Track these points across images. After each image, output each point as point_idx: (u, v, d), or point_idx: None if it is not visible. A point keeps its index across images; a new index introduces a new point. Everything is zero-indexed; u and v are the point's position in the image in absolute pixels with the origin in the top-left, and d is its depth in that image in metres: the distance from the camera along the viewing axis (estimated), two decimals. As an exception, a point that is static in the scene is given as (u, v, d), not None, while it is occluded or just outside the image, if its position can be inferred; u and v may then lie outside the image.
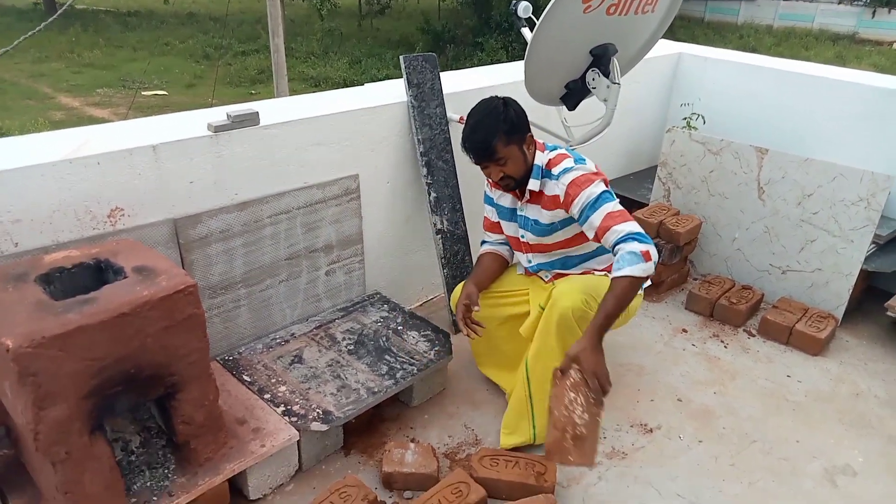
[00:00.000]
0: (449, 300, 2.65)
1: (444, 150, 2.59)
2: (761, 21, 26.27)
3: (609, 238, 1.88)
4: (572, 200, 1.95)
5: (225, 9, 15.50)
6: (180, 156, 1.92)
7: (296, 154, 2.20)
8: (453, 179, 2.62)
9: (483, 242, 2.34)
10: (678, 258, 3.01)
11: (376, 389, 2.05)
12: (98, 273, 1.61)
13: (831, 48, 23.24)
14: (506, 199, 2.17)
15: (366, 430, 2.14)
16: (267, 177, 2.14)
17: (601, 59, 2.46)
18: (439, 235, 2.60)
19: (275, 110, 2.22)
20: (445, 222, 2.62)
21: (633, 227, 1.86)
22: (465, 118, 2.57)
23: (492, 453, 2.00)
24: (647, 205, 3.20)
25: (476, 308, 2.10)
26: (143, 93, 14.94)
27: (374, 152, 2.44)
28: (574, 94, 2.59)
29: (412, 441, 2.12)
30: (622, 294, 1.79)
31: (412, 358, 2.19)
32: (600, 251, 2.13)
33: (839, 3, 26.29)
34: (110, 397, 1.47)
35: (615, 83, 2.46)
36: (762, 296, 2.95)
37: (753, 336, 2.78)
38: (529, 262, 2.21)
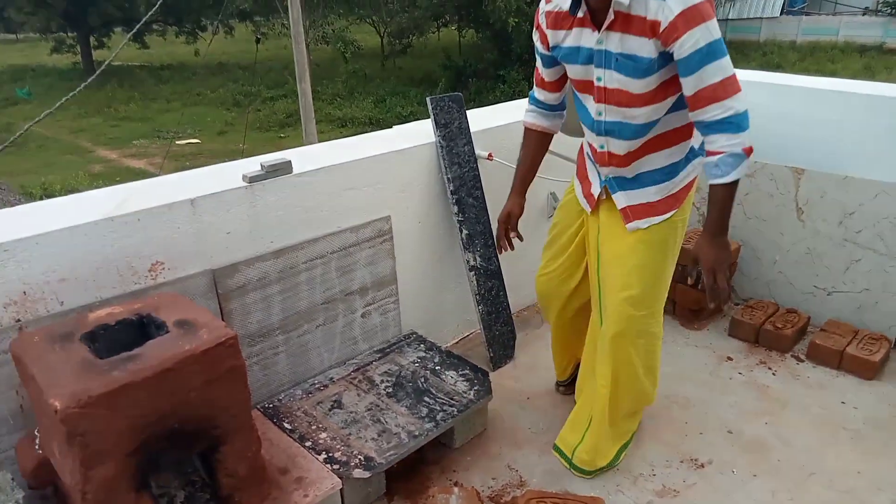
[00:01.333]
0: (485, 334, 2.63)
1: (474, 188, 2.59)
2: (784, 37, 26.08)
3: (710, 112, 1.60)
4: (679, 37, 1.55)
5: (253, 57, 16.02)
6: (217, 208, 1.96)
7: (328, 200, 2.22)
8: (484, 216, 2.62)
9: (530, 101, 2.09)
10: (718, 284, 2.94)
11: (417, 433, 2.02)
12: (141, 328, 1.63)
13: (859, 60, 22.91)
14: (572, 37, 1.76)
15: (408, 474, 2.11)
16: (301, 223, 2.17)
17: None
18: (473, 272, 2.59)
19: (306, 158, 2.26)
20: (478, 258, 2.61)
21: (740, 103, 1.59)
22: (493, 155, 2.59)
23: (538, 495, 1.94)
24: (682, 231, 3.14)
25: (515, 234, 2.15)
26: (177, 142, 15.44)
27: (405, 193, 2.46)
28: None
29: (455, 485, 2.08)
30: (729, 200, 1.70)
31: (452, 399, 2.17)
32: (688, 159, 1.85)
33: (863, 14, 26.00)
34: (155, 453, 1.48)
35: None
36: (808, 319, 2.86)
37: (802, 361, 2.69)
38: (600, 116, 1.79)
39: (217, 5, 21.42)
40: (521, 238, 2.17)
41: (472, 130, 2.59)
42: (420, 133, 2.58)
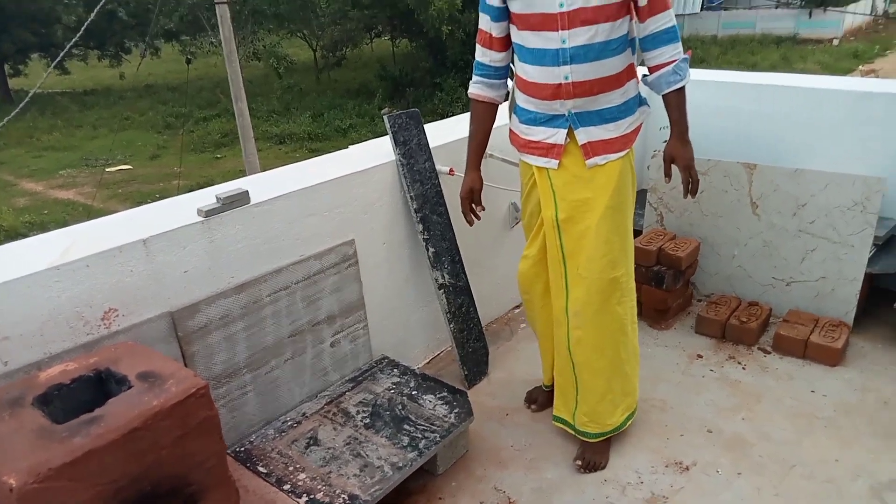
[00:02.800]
0: (458, 352, 2.57)
1: (438, 204, 2.54)
2: (706, 32, 27.19)
3: (661, 20, 1.88)
4: None
5: (182, 77, 15.55)
6: (172, 246, 1.83)
7: (289, 228, 2.12)
8: (450, 232, 2.57)
9: (476, 71, 2.12)
10: (681, 282, 2.98)
11: (401, 464, 1.94)
12: (100, 385, 1.50)
13: (776, 51, 24.10)
14: None
15: (394, 508, 2.02)
16: (262, 255, 2.06)
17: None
18: (442, 290, 2.53)
19: (263, 186, 2.15)
20: (447, 276, 2.55)
21: (673, 17, 1.90)
22: (454, 170, 2.54)
23: (531, 517, 1.90)
24: (643, 231, 3.18)
25: (480, 208, 2.24)
26: (107, 169, 14.80)
27: (368, 215, 2.38)
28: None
29: (445, 514, 2.01)
30: (685, 102, 1.98)
31: (432, 424, 2.10)
32: (638, 101, 2.04)
33: (777, 7, 27.37)
34: (127, 521, 1.36)
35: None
36: (770, 310, 2.92)
37: (769, 353, 2.74)
38: (563, 44, 1.87)
39: (141, 27, 20.74)
40: (483, 208, 2.27)
41: (431, 146, 2.54)
42: (378, 151, 2.51)
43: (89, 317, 1.70)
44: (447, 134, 2.73)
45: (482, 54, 2.09)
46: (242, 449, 2.02)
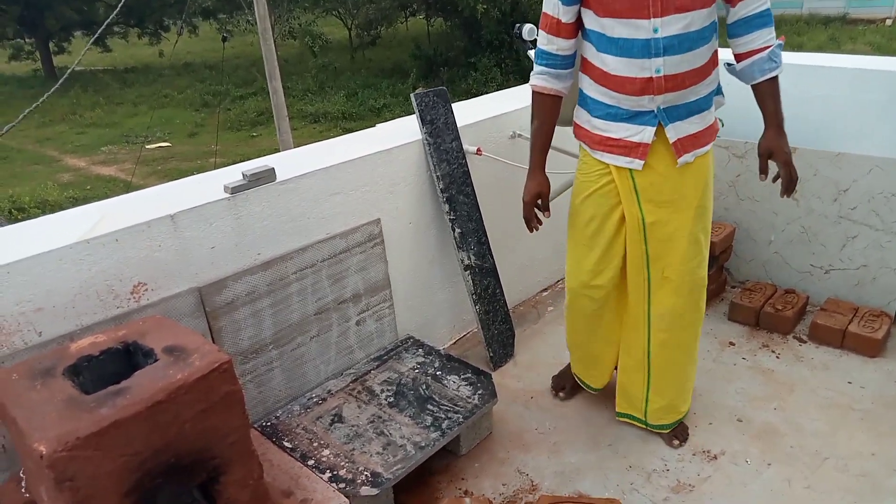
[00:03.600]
0: (484, 334, 2.56)
1: (465, 184, 2.51)
2: (751, 12, 26.05)
3: (750, 5, 1.75)
4: None
5: (219, 56, 15.71)
6: (199, 222, 1.85)
7: (315, 206, 2.12)
8: (476, 213, 2.54)
9: (539, 61, 1.90)
10: (714, 268, 2.90)
11: (423, 444, 1.95)
12: (127, 357, 1.53)
13: (823, 32, 23.18)
14: None
15: (416, 486, 2.03)
16: (288, 232, 2.07)
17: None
18: (468, 271, 2.52)
19: (289, 163, 2.16)
20: (473, 257, 2.53)
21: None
22: (481, 150, 2.51)
23: (552, 500, 1.89)
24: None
25: (546, 214, 2.05)
26: (146, 146, 15.10)
27: (394, 194, 2.37)
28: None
29: (466, 494, 2.02)
30: (779, 93, 1.87)
31: (456, 405, 2.09)
32: (718, 90, 1.93)
33: (827, -15, 26.23)
34: (151, 491, 1.38)
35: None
36: (807, 298, 2.83)
37: (805, 342, 2.66)
38: (656, 34, 1.70)
39: (179, 4, 20.98)
40: (548, 214, 2.07)
41: (458, 125, 2.50)
42: (405, 131, 2.48)
43: (119, 290, 1.73)
44: (475, 113, 2.69)
45: (547, 42, 1.87)
46: (269, 424, 2.05)
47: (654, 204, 1.89)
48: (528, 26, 2.69)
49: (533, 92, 1.96)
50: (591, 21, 1.79)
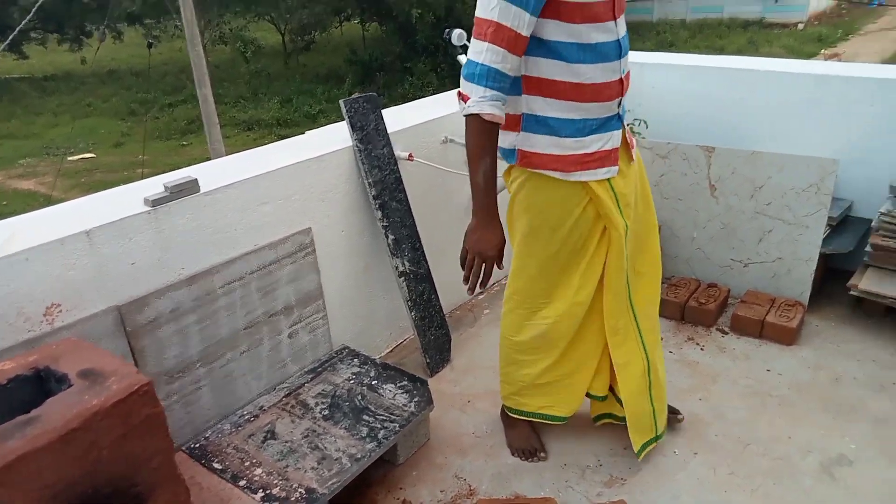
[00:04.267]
0: (420, 341, 2.56)
1: (397, 190, 2.51)
2: (675, 17, 27.36)
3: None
4: None
5: (146, 62, 15.16)
6: (117, 238, 1.78)
7: (242, 217, 2.08)
8: (409, 219, 2.54)
9: (490, 83, 1.60)
10: (642, 266, 3.00)
11: (359, 455, 1.93)
12: (39, 384, 1.45)
13: (743, 35, 24.35)
14: None
15: (353, 499, 2.01)
16: (214, 245, 2.02)
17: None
18: (402, 278, 2.51)
19: (214, 173, 2.10)
20: (407, 263, 2.53)
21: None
22: (413, 155, 2.51)
23: (488, 503, 1.90)
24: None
25: (500, 267, 1.81)
26: (69, 158, 14.41)
27: (325, 202, 2.34)
28: (518, 117, 2.56)
29: (403, 503, 2.01)
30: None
31: (392, 414, 2.09)
32: None
33: (744, -9, 27.54)
34: (69, 523, 1.32)
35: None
36: (728, 291, 2.97)
37: (727, 334, 2.78)
38: (620, 34, 1.69)
39: (101, 9, 20.12)
40: (501, 267, 1.84)
41: (389, 131, 2.50)
42: (335, 137, 2.46)
43: (30, 313, 1.65)
44: (407, 119, 2.70)
45: (501, 59, 1.58)
46: (197, 445, 1.99)
47: (630, 207, 1.85)
48: (457, 31, 2.71)
49: (479, 122, 1.63)
50: (556, 32, 1.62)
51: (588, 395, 2.13)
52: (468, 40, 2.65)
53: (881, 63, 19.81)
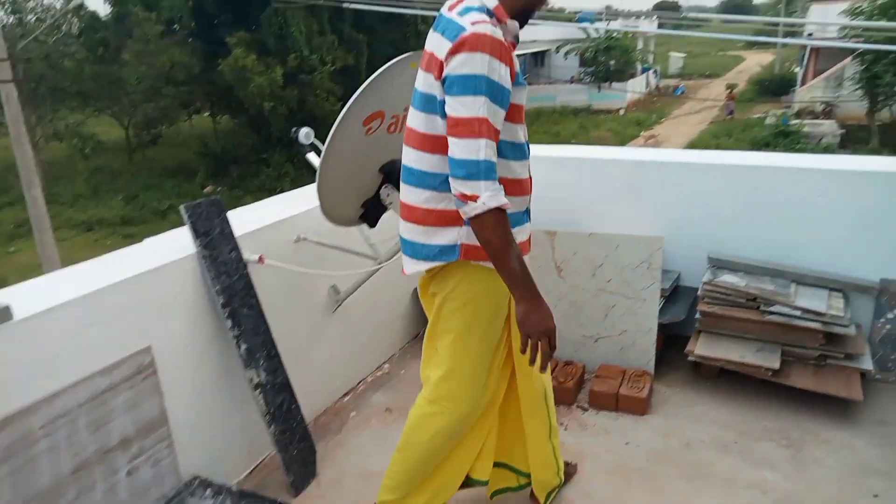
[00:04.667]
0: (282, 457, 2.39)
1: (248, 296, 2.39)
2: (515, 105, 29.69)
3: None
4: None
5: (-37, 163, 13.77)
6: None
7: (68, 342, 1.86)
8: (263, 325, 2.43)
9: (493, 175, 1.63)
10: (503, 350, 3.07)
11: None
12: None
13: (574, 121, 27.05)
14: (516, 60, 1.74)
15: None
16: (32, 379, 1.78)
17: (392, 174, 2.49)
18: (258, 390, 2.36)
19: (32, 296, 1.88)
20: (263, 373, 2.39)
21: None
22: (264, 257, 2.43)
23: None
24: (463, 303, 3.25)
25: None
26: None
27: (166, 316, 2.18)
28: (372, 212, 2.60)
29: None
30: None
31: (252, 545, 1.90)
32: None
33: (571, 82, 30.85)
34: None
35: (409, 198, 2.49)
36: (584, 367, 3.10)
37: (587, 410, 2.88)
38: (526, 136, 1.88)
39: None
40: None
41: (237, 234, 2.41)
42: (176, 245, 2.32)
43: None
44: (257, 219, 2.62)
45: (493, 153, 1.63)
46: None
47: None
48: (304, 130, 2.73)
49: (498, 214, 1.63)
50: (505, 131, 1.72)
51: (468, 480, 2.12)
52: (317, 138, 2.70)
53: (688, 142, 22.84)
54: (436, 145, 1.73)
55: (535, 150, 3.78)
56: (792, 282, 3.00)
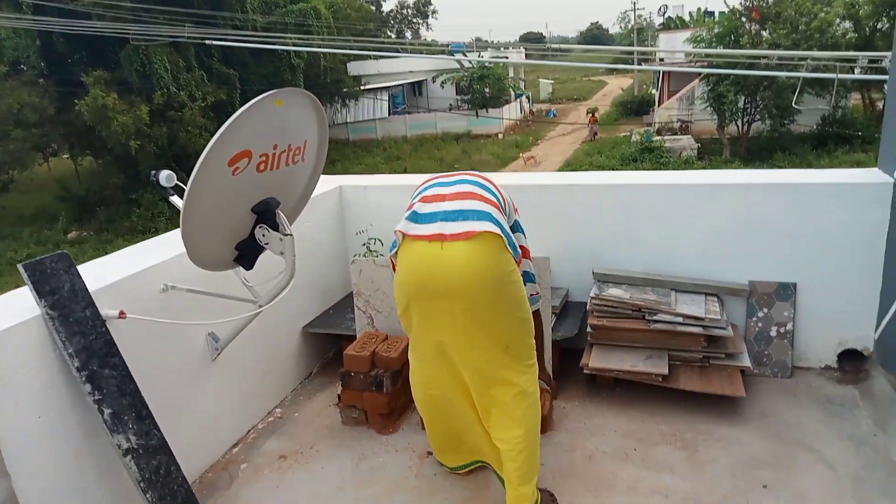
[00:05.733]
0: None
1: (109, 355, 2.13)
2: (396, 133, 30.24)
3: None
4: None
5: None
6: None
7: None
8: (130, 385, 2.17)
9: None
10: (400, 381, 2.96)
11: None
12: None
13: (456, 146, 27.67)
14: None
15: None
16: None
17: (266, 214, 2.35)
18: (129, 456, 2.10)
19: None
20: (133, 437, 2.13)
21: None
22: (125, 312, 2.18)
23: None
24: (356, 336, 3.12)
25: None
26: None
27: (10, 388, 1.89)
28: (248, 254, 2.42)
29: None
30: None
31: None
32: None
33: (450, 110, 31.64)
34: None
35: (287, 234, 2.35)
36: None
37: (491, 435, 2.82)
38: None
39: None
40: None
41: (93, 289, 2.15)
42: (16, 308, 2.03)
43: None
44: (116, 270, 2.37)
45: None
46: None
47: None
48: (164, 173, 2.53)
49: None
50: None
51: None
52: (180, 180, 2.50)
53: (564, 161, 24.06)
54: None
55: (413, 178, 3.79)
56: (672, 290, 3.13)
